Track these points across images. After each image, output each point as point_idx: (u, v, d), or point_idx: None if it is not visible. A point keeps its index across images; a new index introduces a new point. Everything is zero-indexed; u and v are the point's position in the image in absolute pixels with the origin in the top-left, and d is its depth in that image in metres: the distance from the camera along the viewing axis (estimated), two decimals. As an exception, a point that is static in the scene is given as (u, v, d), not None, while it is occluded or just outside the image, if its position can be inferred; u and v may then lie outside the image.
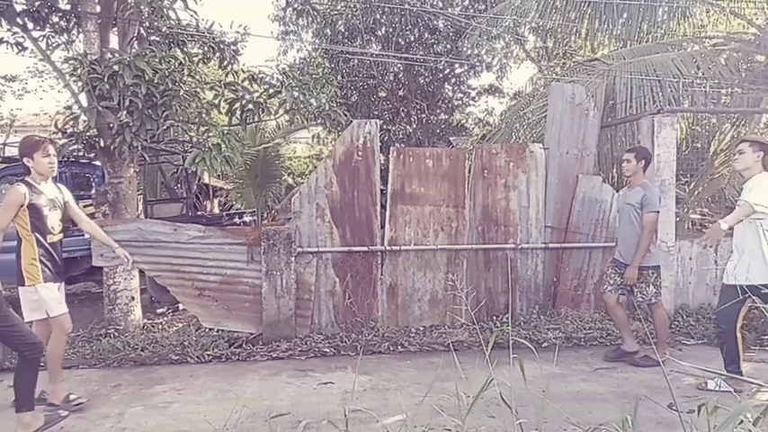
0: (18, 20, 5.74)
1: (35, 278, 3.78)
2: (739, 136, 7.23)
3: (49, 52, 6.15)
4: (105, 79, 4.97)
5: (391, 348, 5.23)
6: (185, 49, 6.45)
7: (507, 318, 5.73)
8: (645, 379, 4.41)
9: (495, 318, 5.76)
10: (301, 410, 3.77)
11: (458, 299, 5.69)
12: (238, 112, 6.08)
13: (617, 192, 6.28)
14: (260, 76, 6.38)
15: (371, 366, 4.72)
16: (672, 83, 7.27)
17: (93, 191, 6.30)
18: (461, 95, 12.13)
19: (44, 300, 3.82)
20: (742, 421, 1.66)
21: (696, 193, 7.45)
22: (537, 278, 5.97)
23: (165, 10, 6.18)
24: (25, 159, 3.80)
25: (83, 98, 5.56)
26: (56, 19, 6.08)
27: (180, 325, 6.04)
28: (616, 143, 7.94)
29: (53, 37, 6.19)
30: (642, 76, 7.29)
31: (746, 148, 4.03)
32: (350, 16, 10.65)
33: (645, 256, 4.65)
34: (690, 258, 6.03)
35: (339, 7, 11.00)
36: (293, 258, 5.39)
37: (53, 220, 3.90)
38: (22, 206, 3.70)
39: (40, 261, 3.78)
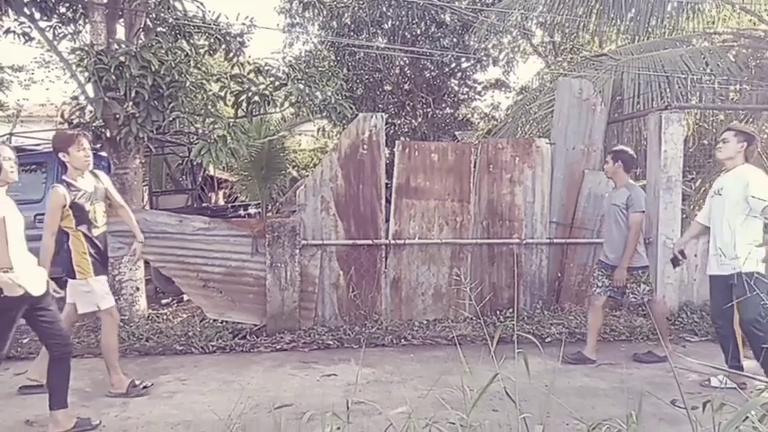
0: (25, 10, 5.75)
1: (86, 271, 3.86)
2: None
3: (55, 42, 6.16)
4: (112, 70, 4.97)
5: (394, 341, 5.24)
6: (191, 41, 6.45)
7: (511, 312, 5.73)
8: (647, 375, 4.40)
9: (498, 312, 5.76)
10: (305, 402, 3.79)
11: (461, 293, 5.69)
12: (244, 105, 6.08)
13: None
14: (266, 68, 6.37)
15: (375, 359, 4.73)
16: (680, 79, 7.22)
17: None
18: (467, 90, 12.09)
19: (95, 292, 3.89)
20: (746, 418, 1.66)
21: (702, 189, 7.41)
22: (541, 273, 5.96)
23: (171, 1, 6.17)
24: (61, 155, 3.83)
25: (89, 89, 5.58)
26: (63, 9, 6.09)
27: (184, 316, 6.07)
28: (623, 139, 7.90)
29: (60, 27, 6.20)
30: (650, 72, 7.24)
31: (731, 137, 3.91)
32: (356, 9, 10.61)
33: (634, 258, 4.60)
34: (695, 255, 6.00)
35: (345, 0, 10.96)
36: (297, 251, 5.40)
37: (96, 212, 3.97)
38: (64, 206, 3.77)
39: (89, 254, 3.85)
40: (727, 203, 3.84)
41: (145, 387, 4.04)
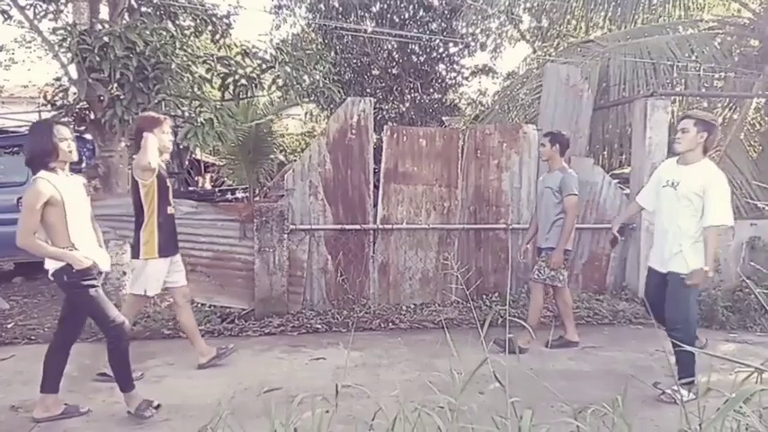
0: (4, -13, 5.61)
1: (151, 254, 3.87)
2: (731, 120, 7.29)
3: (36, 21, 6.01)
4: (95, 51, 4.87)
5: (382, 325, 5.29)
6: (177, 22, 6.33)
7: (497, 297, 5.80)
8: (631, 358, 4.50)
9: (484, 296, 5.82)
10: (293, 385, 3.81)
11: (448, 277, 5.74)
12: (231, 88, 6.02)
13: (608, 173, 6.35)
14: (253, 50, 6.29)
15: (363, 343, 4.77)
16: (666, 66, 7.28)
17: (84, 164, 6.23)
18: (455, 75, 12.04)
19: (150, 277, 3.92)
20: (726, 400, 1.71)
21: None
22: (527, 258, 6.02)
23: (156, -20, 6.06)
24: (145, 134, 3.81)
25: (72, 70, 5.47)
26: (44, -13, 5.94)
27: (172, 300, 6.04)
28: (608, 125, 7.97)
29: (41, 6, 6.05)
30: (636, 59, 7.29)
31: (690, 126, 3.56)
32: (344, -9, 10.48)
33: (557, 239, 4.56)
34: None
35: (333, -18, 10.81)
36: (286, 235, 5.40)
37: (171, 192, 4.04)
38: (153, 172, 3.77)
39: (160, 238, 3.87)
40: (682, 202, 3.56)
41: (223, 350, 4.18)
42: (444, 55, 11.43)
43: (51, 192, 3.10)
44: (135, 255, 3.94)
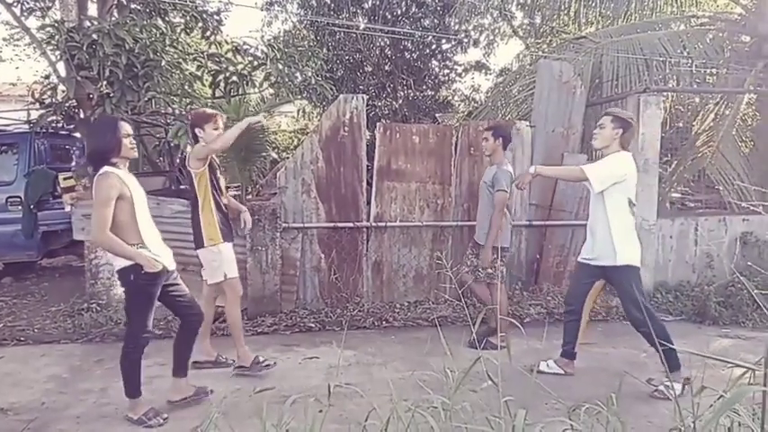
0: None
1: (215, 238, 3.92)
2: (723, 115, 7.31)
3: (23, 18, 5.95)
4: (84, 48, 4.82)
5: (376, 324, 5.27)
6: (167, 19, 6.29)
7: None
8: (624, 355, 4.50)
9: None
10: (287, 385, 3.79)
11: (442, 275, 5.73)
12: (222, 85, 5.97)
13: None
14: (244, 47, 6.25)
15: (356, 341, 4.75)
16: (658, 62, 7.29)
17: (74, 163, 6.18)
18: (448, 72, 12.00)
19: (225, 260, 3.96)
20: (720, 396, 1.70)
21: (677, 172, 7.53)
22: (520, 255, 6.02)
23: (145, -23, 6.01)
24: (197, 130, 3.93)
25: (61, 68, 5.41)
26: (30, -17, 5.88)
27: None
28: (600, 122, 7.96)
29: (27, 2, 5.98)
30: (629, 55, 7.29)
31: (607, 123, 3.77)
32: (336, -13, 10.41)
33: (492, 236, 4.51)
34: (670, 237, 6.12)
35: (325, -22, 10.74)
36: (278, 234, 5.36)
37: (222, 181, 4.12)
38: (205, 160, 3.87)
39: (218, 221, 3.93)
40: (601, 195, 3.78)
41: (267, 366, 4.06)
42: (437, 51, 11.39)
43: (122, 186, 3.08)
44: (198, 244, 3.97)
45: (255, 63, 6.08)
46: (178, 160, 9.33)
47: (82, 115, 5.46)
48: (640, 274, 3.85)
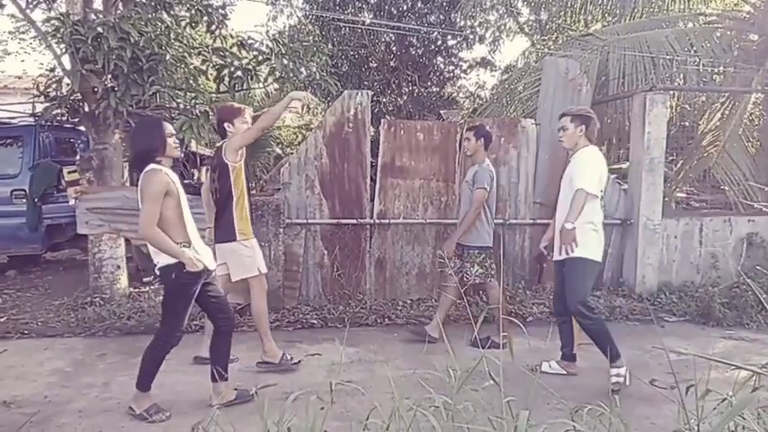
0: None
1: (248, 233, 3.92)
2: (730, 115, 7.26)
3: (29, 11, 5.92)
4: (89, 41, 4.80)
5: (378, 321, 5.26)
6: (172, 12, 6.24)
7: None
8: (627, 355, 4.46)
9: (481, 293, 5.78)
10: (288, 381, 3.78)
11: (445, 273, 5.70)
12: (227, 79, 5.94)
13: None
14: (249, 42, 6.22)
15: (359, 339, 4.75)
16: (665, 60, 7.24)
17: (78, 157, 6.17)
18: (453, 68, 11.96)
19: (257, 254, 3.97)
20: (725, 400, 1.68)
21: (683, 171, 7.49)
22: (524, 254, 6.01)
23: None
24: (226, 124, 3.93)
25: (66, 61, 5.39)
26: (36, -25, 5.84)
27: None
28: (606, 120, 7.92)
29: (33, -5, 5.96)
30: (635, 53, 7.24)
31: (568, 124, 3.79)
32: (342, -18, 10.39)
33: (472, 236, 4.49)
34: (675, 237, 6.09)
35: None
36: (281, 230, 5.36)
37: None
38: (242, 155, 3.88)
39: (250, 214, 3.98)
40: (569, 187, 3.78)
41: (296, 363, 4.07)
42: (442, 48, 11.35)
43: (169, 183, 3.10)
44: (228, 238, 3.88)
45: (260, 58, 6.05)
46: (182, 154, 9.32)
47: (86, 109, 5.44)
48: (595, 271, 3.86)
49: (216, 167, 3.93)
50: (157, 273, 3.25)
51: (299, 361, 4.13)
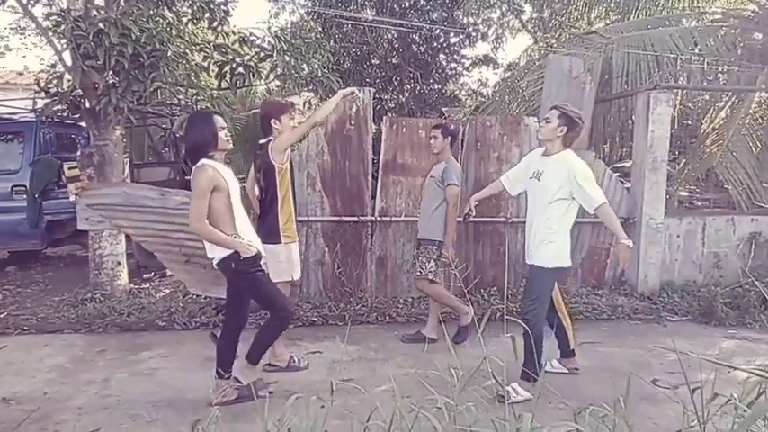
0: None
1: (293, 236, 3.90)
2: (733, 114, 7.22)
3: (30, 6, 5.90)
4: (90, 37, 4.77)
5: (379, 319, 5.24)
6: (174, 8, 6.21)
7: (495, 290, 5.75)
8: (629, 354, 4.46)
9: (483, 290, 5.77)
10: (289, 379, 3.77)
11: (446, 271, 5.68)
12: (228, 76, 5.92)
13: (608, 167, 6.28)
14: (251, 38, 6.19)
15: (359, 336, 4.73)
16: (669, 59, 7.20)
17: (79, 153, 6.15)
18: (455, 65, 11.91)
19: (294, 262, 3.93)
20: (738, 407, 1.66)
21: (686, 170, 7.46)
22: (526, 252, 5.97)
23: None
24: (273, 121, 3.85)
25: (67, 57, 5.37)
26: (37, -29, 5.81)
27: (167, 291, 5.99)
28: (609, 118, 7.90)
29: (35, -10, 5.93)
30: (639, 51, 7.21)
31: (554, 118, 3.54)
32: (344, -21, 10.34)
33: (433, 231, 4.45)
34: (678, 236, 6.07)
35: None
36: (282, 227, 5.32)
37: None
38: (288, 156, 3.86)
39: (294, 216, 3.94)
40: (548, 192, 3.53)
41: (304, 368, 4.03)
42: (445, 45, 11.30)
43: (218, 177, 3.14)
44: (273, 240, 3.79)
45: (262, 54, 6.03)
46: (183, 151, 9.30)
47: (87, 105, 5.42)
48: (556, 276, 3.69)
49: (260, 168, 3.85)
50: (216, 267, 3.31)
51: (308, 363, 4.09)
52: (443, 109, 11.46)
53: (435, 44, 11.17)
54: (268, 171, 3.80)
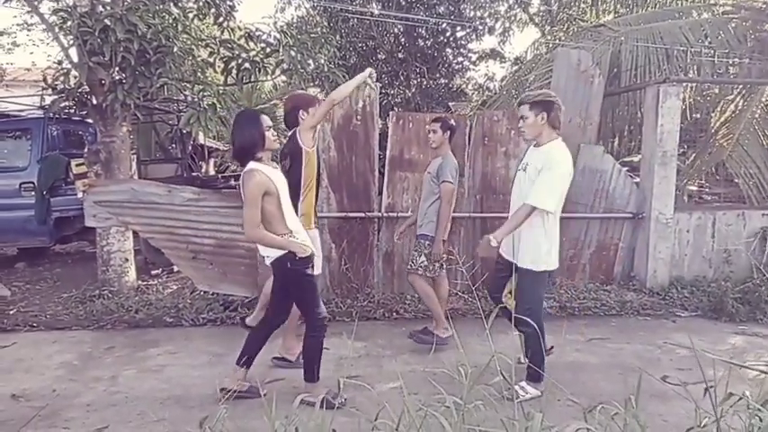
0: (3, -33, 5.50)
1: (310, 223, 3.87)
2: (744, 107, 7.14)
3: (36, 3, 5.91)
4: (96, 33, 4.77)
5: (386, 315, 5.23)
6: (180, 4, 6.20)
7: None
8: (637, 350, 4.43)
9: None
10: (297, 376, 3.75)
11: (454, 267, 5.66)
12: (234, 72, 5.90)
13: (617, 161, 6.23)
14: (257, 33, 6.18)
15: (366, 333, 4.72)
16: (679, 52, 7.12)
17: (86, 149, 6.17)
18: (462, 60, 11.85)
19: (315, 247, 3.85)
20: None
21: (695, 164, 7.39)
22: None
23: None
24: (300, 112, 3.85)
25: (73, 53, 5.37)
26: (43, -32, 5.82)
27: (174, 287, 6.01)
28: (618, 112, 7.82)
29: (41, -14, 5.94)
30: (648, 44, 7.13)
31: (527, 112, 3.40)
32: (350, -27, 10.31)
33: (427, 226, 4.39)
34: (687, 231, 6.01)
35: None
36: (289, 223, 5.32)
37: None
38: (315, 140, 3.86)
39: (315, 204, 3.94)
40: (529, 185, 3.43)
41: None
42: (451, 39, 11.25)
43: (267, 182, 3.11)
44: None
45: (268, 50, 6.00)
46: (190, 147, 9.32)
47: (94, 101, 5.43)
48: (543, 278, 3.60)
49: (287, 154, 3.85)
50: (270, 266, 3.29)
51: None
52: (450, 103, 11.41)
53: (442, 38, 11.11)
54: (295, 156, 3.78)
